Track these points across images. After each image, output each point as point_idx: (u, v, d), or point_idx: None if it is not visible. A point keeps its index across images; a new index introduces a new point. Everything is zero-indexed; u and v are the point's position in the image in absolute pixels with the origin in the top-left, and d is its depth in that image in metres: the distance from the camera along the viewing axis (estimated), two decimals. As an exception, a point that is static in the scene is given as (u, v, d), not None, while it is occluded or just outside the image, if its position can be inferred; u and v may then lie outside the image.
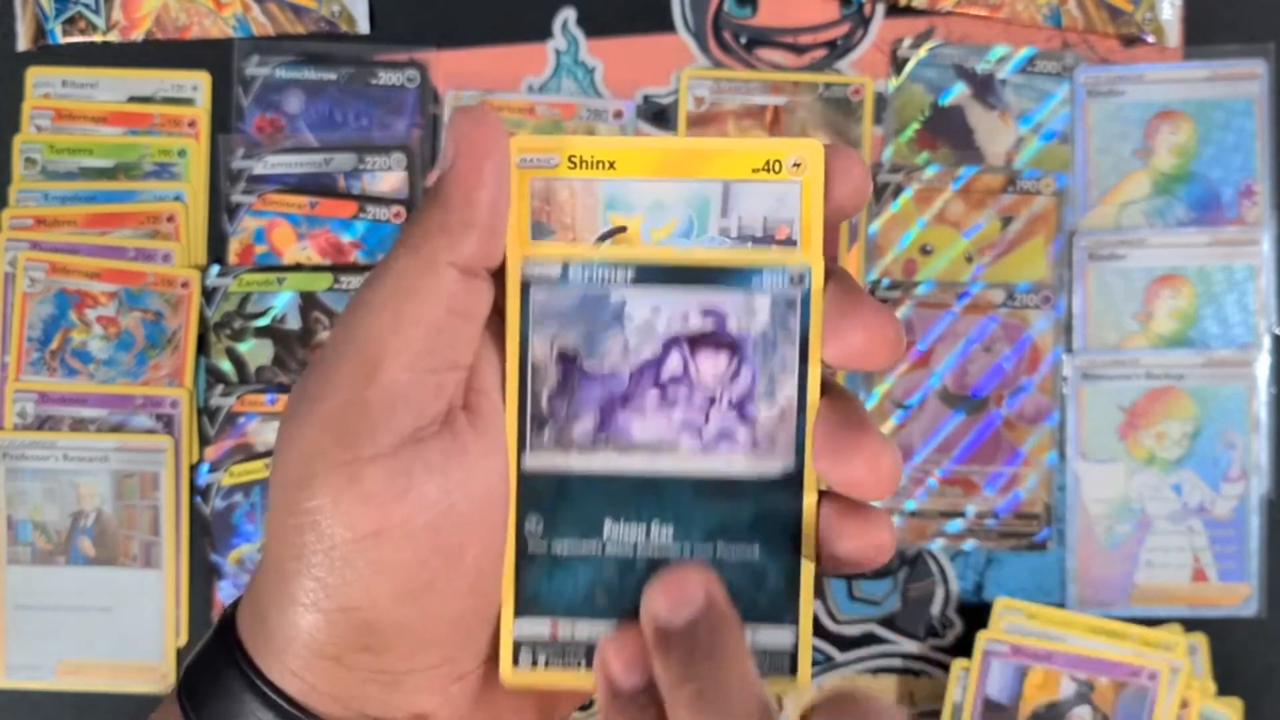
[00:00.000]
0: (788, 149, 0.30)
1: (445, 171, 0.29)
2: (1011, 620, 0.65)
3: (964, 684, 0.65)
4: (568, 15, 0.70)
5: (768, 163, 0.30)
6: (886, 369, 0.29)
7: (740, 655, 0.28)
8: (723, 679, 0.27)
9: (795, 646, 0.30)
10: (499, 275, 0.30)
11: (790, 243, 0.30)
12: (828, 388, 0.30)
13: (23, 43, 0.70)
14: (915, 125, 0.70)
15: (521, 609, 0.30)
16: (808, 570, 0.30)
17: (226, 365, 0.69)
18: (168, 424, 0.68)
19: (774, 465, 0.30)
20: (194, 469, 0.69)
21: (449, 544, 0.29)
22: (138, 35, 0.70)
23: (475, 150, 0.29)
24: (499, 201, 0.29)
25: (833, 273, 0.30)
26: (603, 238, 0.30)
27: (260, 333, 0.69)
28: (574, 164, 0.30)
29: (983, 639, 0.65)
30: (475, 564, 0.29)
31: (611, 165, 0.30)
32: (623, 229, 0.30)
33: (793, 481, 0.30)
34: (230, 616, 0.31)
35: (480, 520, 0.29)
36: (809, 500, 0.30)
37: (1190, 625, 0.68)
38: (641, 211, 0.30)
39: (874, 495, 0.29)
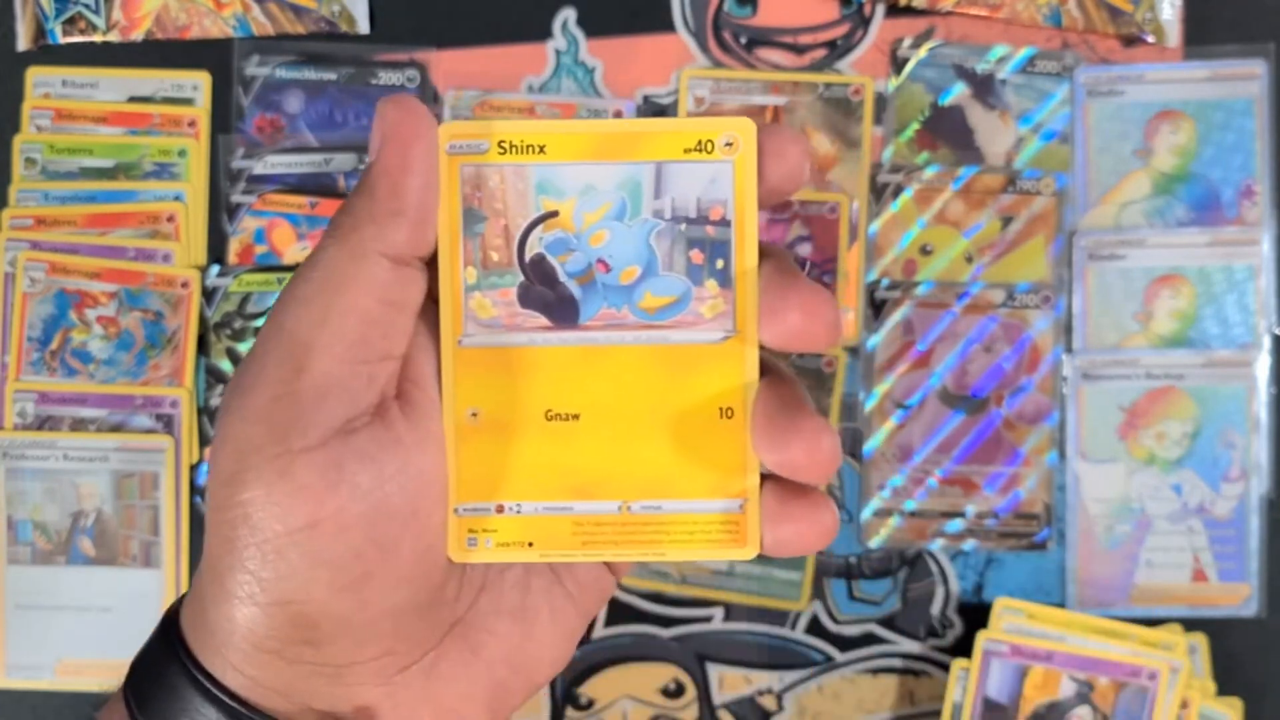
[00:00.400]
0: (719, 128, 0.29)
1: (372, 161, 0.29)
2: (1011, 620, 0.65)
3: (964, 684, 0.65)
4: (568, 15, 0.70)
5: (700, 143, 0.29)
6: (824, 350, 0.29)
7: None
8: None
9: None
10: (431, 263, 0.30)
11: (725, 223, 0.29)
12: (767, 371, 0.30)
13: (23, 43, 0.70)
14: (915, 125, 0.70)
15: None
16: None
17: (226, 365, 0.69)
18: (168, 424, 0.68)
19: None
20: (194, 469, 0.69)
21: (384, 535, 0.28)
22: (138, 35, 0.70)
23: (401, 138, 0.28)
24: (428, 189, 0.29)
25: (769, 254, 0.30)
26: (535, 223, 0.30)
27: (260, 333, 0.69)
28: (504, 149, 0.29)
29: (982, 639, 0.65)
30: (412, 555, 0.29)
31: (542, 150, 0.29)
32: (555, 214, 0.30)
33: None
34: (174, 612, 0.30)
35: (415, 511, 0.29)
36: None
37: (1190, 625, 0.68)
38: (574, 195, 0.30)
39: (814, 478, 0.29)
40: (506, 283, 0.30)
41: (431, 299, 0.30)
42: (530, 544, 0.30)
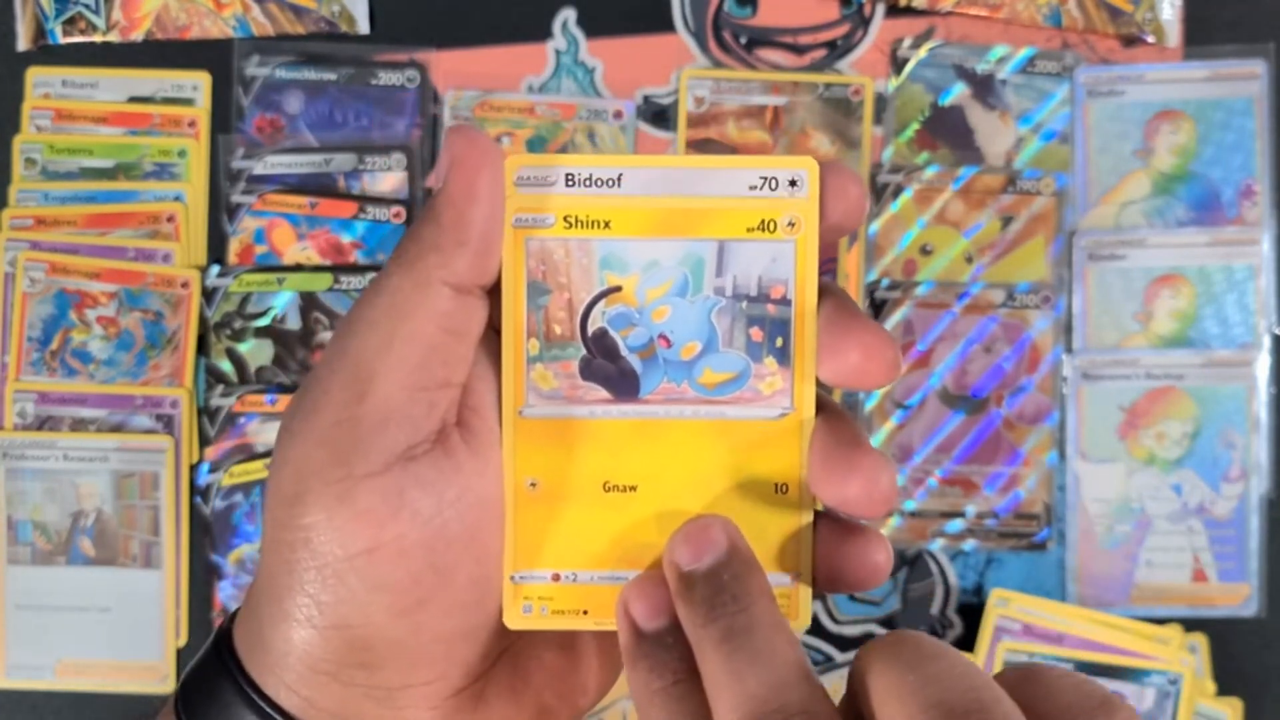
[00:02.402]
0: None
1: (438, 189, 0.29)
2: (1003, 614, 0.65)
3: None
4: (568, 15, 0.70)
5: (763, 222, 0.30)
6: (881, 388, 0.29)
7: (765, 594, 0.28)
8: (749, 617, 0.27)
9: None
10: (494, 292, 0.30)
11: (785, 302, 0.30)
12: (823, 406, 0.30)
13: (23, 43, 0.70)
14: (915, 125, 0.70)
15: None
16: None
17: (226, 365, 0.69)
18: (168, 424, 0.68)
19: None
20: (194, 469, 0.69)
21: (442, 561, 0.29)
22: (138, 35, 0.70)
23: (467, 168, 0.29)
24: (492, 219, 0.29)
25: (830, 291, 0.30)
26: (598, 297, 0.30)
27: (260, 333, 0.69)
28: (569, 224, 0.30)
29: (994, 616, 0.65)
30: (469, 581, 0.29)
31: (607, 225, 0.30)
32: (618, 289, 0.30)
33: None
34: (227, 629, 0.31)
35: (474, 537, 0.29)
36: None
37: (1190, 625, 0.68)
38: (637, 271, 0.30)
39: (871, 515, 0.29)
40: (569, 355, 0.30)
41: (492, 327, 0.30)
42: (585, 612, 0.31)
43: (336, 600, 0.28)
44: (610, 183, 0.30)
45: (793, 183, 0.30)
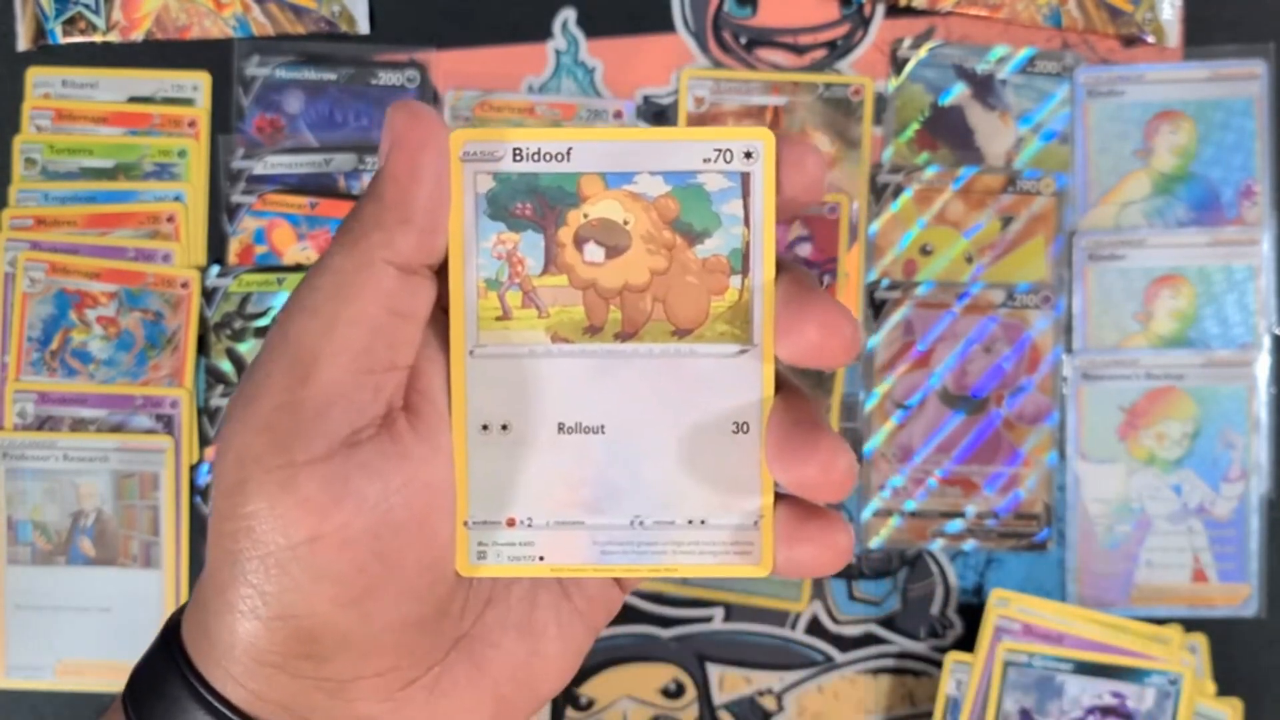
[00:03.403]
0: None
1: (381, 167, 0.28)
2: (1003, 614, 0.65)
3: (958, 678, 0.65)
4: (568, 15, 0.70)
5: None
6: (841, 366, 0.28)
7: None
8: None
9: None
10: (441, 272, 0.29)
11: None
12: (782, 387, 0.30)
13: (23, 43, 0.70)
14: (915, 125, 0.70)
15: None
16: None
17: (226, 365, 0.69)
18: (168, 424, 0.68)
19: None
20: (194, 469, 0.69)
21: (389, 549, 0.28)
22: (138, 35, 0.70)
23: (410, 144, 0.28)
24: (436, 196, 0.28)
25: (787, 267, 0.30)
26: None
27: (260, 333, 0.69)
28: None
29: (994, 616, 0.65)
30: (417, 569, 0.29)
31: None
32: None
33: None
34: (175, 622, 0.30)
35: (422, 524, 0.29)
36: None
37: (1190, 625, 0.68)
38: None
39: (829, 497, 0.29)
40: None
41: (440, 308, 0.29)
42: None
43: (280, 590, 0.27)
44: (559, 157, 0.29)
45: (748, 154, 0.29)
